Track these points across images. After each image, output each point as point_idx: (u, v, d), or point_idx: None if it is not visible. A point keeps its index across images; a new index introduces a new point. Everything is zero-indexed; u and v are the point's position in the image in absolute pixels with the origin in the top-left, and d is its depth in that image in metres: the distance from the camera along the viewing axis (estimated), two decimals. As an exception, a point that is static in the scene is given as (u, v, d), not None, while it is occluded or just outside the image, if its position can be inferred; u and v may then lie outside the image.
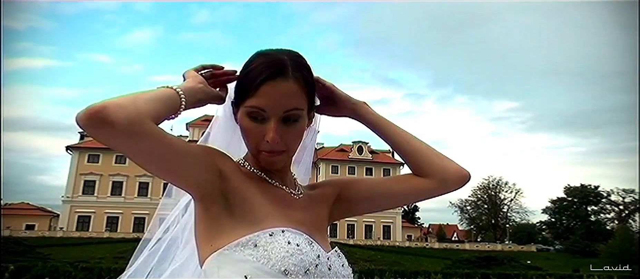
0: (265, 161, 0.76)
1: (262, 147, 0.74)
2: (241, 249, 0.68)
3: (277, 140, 0.72)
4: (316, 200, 0.83)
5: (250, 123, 0.73)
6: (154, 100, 0.63)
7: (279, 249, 0.67)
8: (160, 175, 0.69)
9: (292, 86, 0.72)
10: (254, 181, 0.76)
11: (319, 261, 0.70)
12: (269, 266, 0.66)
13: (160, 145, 0.64)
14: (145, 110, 0.61)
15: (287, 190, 0.79)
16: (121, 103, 0.58)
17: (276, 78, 0.71)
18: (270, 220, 0.72)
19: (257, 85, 0.71)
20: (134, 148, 0.62)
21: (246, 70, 0.74)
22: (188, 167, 0.69)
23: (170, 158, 0.66)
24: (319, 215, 0.82)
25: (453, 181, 0.86)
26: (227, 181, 0.72)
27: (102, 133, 0.58)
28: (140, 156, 0.64)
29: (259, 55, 0.75)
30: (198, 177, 0.70)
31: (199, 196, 0.72)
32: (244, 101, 0.73)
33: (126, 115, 0.58)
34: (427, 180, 0.85)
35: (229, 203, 0.72)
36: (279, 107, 0.71)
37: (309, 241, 0.72)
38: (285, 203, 0.77)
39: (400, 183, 0.89)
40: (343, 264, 0.77)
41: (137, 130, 0.59)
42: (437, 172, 0.85)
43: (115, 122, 0.57)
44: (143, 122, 0.60)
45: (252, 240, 0.68)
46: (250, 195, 0.73)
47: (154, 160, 0.66)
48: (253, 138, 0.74)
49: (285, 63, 0.72)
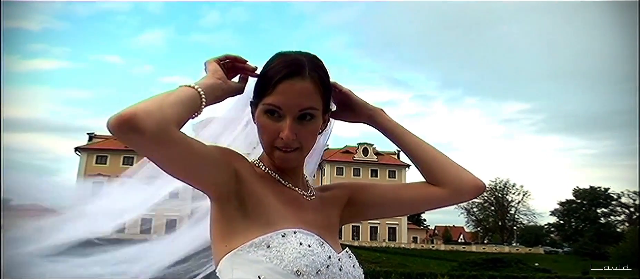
0: (279, 158, 0.77)
1: (277, 144, 0.76)
2: (255, 250, 0.70)
3: (291, 137, 0.74)
4: (328, 202, 0.85)
5: (266, 120, 0.75)
6: (178, 103, 0.65)
7: (292, 250, 0.69)
8: (180, 177, 0.71)
9: (309, 86, 0.74)
10: (267, 182, 0.78)
11: (330, 262, 0.72)
12: (281, 266, 0.68)
13: (183, 151, 0.66)
14: (170, 116, 0.63)
15: (300, 191, 0.81)
16: (149, 110, 0.60)
17: (294, 77, 0.73)
18: (282, 221, 0.74)
19: (275, 83, 0.73)
20: (160, 153, 0.65)
21: (265, 69, 0.77)
22: (206, 169, 0.71)
23: (191, 162, 0.68)
24: (330, 217, 0.83)
25: (467, 192, 0.86)
26: (242, 182, 0.74)
27: (132, 139, 0.60)
28: (165, 161, 0.67)
29: (278, 56, 0.78)
30: (215, 178, 0.72)
31: (215, 196, 0.75)
32: (262, 99, 0.75)
33: (154, 123, 0.60)
34: (441, 189, 0.86)
35: (243, 204, 0.74)
36: (295, 105, 0.74)
37: (321, 242, 0.74)
38: (297, 205, 0.79)
39: (412, 190, 0.90)
40: (354, 265, 0.78)
41: (163, 138, 0.62)
42: (452, 182, 0.85)
43: (144, 130, 0.59)
44: (169, 129, 0.62)
45: (265, 241, 0.70)
46: (264, 197, 0.75)
47: (176, 164, 0.68)
48: (268, 135, 0.76)
49: (302, 63, 0.75)
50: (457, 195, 0.86)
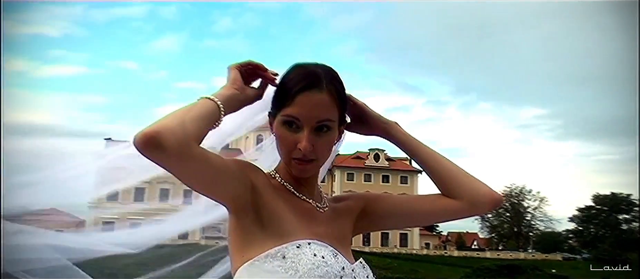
0: (296, 169, 0.79)
1: (294, 155, 0.77)
2: (270, 261, 0.72)
3: (309, 148, 0.76)
4: (341, 214, 0.86)
5: (284, 131, 0.77)
6: (198, 119, 0.68)
7: (306, 261, 0.71)
8: (200, 191, 0.75)
9: (326, 98, 0.76)
10: (282, 194, 0.80)
11: (344, 273, 0.74)
12: (296, 277, 0.70)
13: (203, 167, 0.69)
14: (191, 132, 0.66)
15: (314, 203, 0.83)
16: (172, 127, 0.63)
17: (311, 89, 0.75)
18: (297, 232, 0.76)
19: (293, 94, 0.75)
20: (181, 169, 0.68)
21: (283, 80, 0.79)
22: (225, 183, 0.74)
23: (210, 177, 0.71)
24: (343, 228, 0.85)
25: (483, 204, 0.86)
26: (259, 194, 0.77)
27: (156, 156, 0.64)
28: (185, 176, 0.70)
29: (296, 67, 0.80)
30: (233, 191, 0.75)
31: (233, 208, 0.77)
32: (280, 110, 0.77)
33: (176, 140, 0.63)
34: (456, 202, 0.86)
35: (259, 216, 0.76)
36: (312, 116, 0.76)
37: (334, 253, 0.76)
38: (311, 216, 0.81)
39: (427, 202, 0.90)
40: (368, 275, 0.79)
41: (185, 155, 0.65)
42: (468, 194, 0.85)
43: (167, 147, 0.62)
44: (190, 146, 0.66)
45: (281, 252, 0.72)
46: (280, 209, 0.78)
47: (196, 179, 0.72)
48: (286, 146, 0.78)
49: (319, 75, 0.77)
50: (472, 208, 0.86)
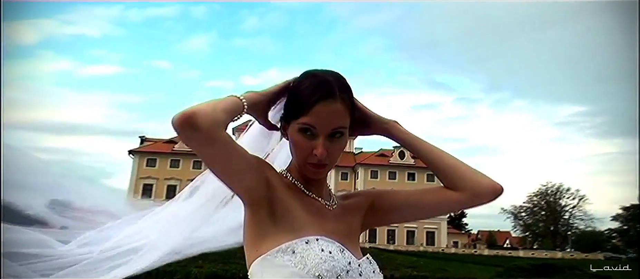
0: (310, 172, 0.84)
1: (310, 160, 0.82)
2: (281, 255, 0.77)
3: (325, 155, 0.81)
4: (349, 210, 0.90)
5: (301, 138, 0.81)
6: (226, 110, 0.75)
7: (314, 256, 0.76)
8: (221, 176, 0.79)
9: (340, 107, 0.81)
10: (294, 192, 0.85)
11: (350, 267, 0.78)
12: (304, 271, 0.75)
13: (228, 151, 0.75)
14: (220, 119, 0.73)
15: (323, 201, 0.87)
16: (205, 111, 0.71)
17: (327, 99, 0.80)
18: (307, 228, 0.80)
19: (311, 104, 0.79)
20: (209, 150, 0.74)
21: (298, 89, 0.83)
22: (245, 173, 0.78)
23: (233, 162, 0.76)
24: (351, 225, 0.89)
25: (485, 194, 0.89)
26: (273, 190, 0.81)
27: (190, 134, 0.70)
28: (212, 157, 0.75)
29: (309, 76, 0.84)
30: (250, 183, 0.79)
31: (249, 201, 0.81)
32: (297, 118, 0.81)
33: (207, 121, 0.70)
34: (459, 193, 0.89)
35: (273, 211, 0.81)
36: (328, 125, 0.80)
37: (341, 249, 0.79)
38: (320, 214, 0.85)
39: (432, 195, 0.92)
40: (374, 270, 0.83)
41: (213, 136, 0.72)
42: (470, 186, 0.89)
43: (200, 127, 0.69)
44: (218, 129, 0.72)
45: (291, 247, 0.77)
46: (291, 205, 0.82)
47: (221, 162, 0.76)
48: (302, 152, 0.82)
49: (333, 85, 0.81)
50: (475, 198, 0.89)
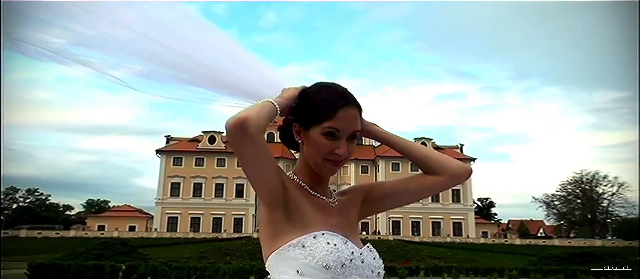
0: (327, 169, 0.93)
1: (330, 158, 0.91)
2: (293, 249, 0.86)
3: (347, 154, 0.91)
4: (347, 205, 1.00)
5: (324, 140, 0.90)
6: (266, 116, 0.84)
7: (321, 249, 0.85)
8: (253, 177, 0.85)
9: (356, 113, 0.92)
10: (302, 192, 0.94)
11: (353, 256, 0.87)
12: (314, 262, 0.84)
13: (264, 154, 0.83)
14: (262, 124, 0.82)
15: (326, 199, 0.96)
16: (253, 117, 0.79)
17: (348, 106, 0.91)
18: (314, 224, 0.89)
19: (335, 110, 0.89)
20: (251, 153, 0.82)
21: (318, 98, 0.92)
22: (271, 174, 0.87)
23: (265, 164, 0.85)
24: (350, 218, 0.98)
25: (460, 175, 1.02)
26: (287, 191, 0.90)
27: (240, 137, 0.78)
28: (250, 158, 0.82)
29: (323, 87, 0.94)
30: (274, 185, 0.88)
31: (268, 201, 0.89)
32: (321, 123, 0.90)
33: (255, 127, 0.79)
34: (439, 177, 1.02)
35: (287, 210, 0.90)
36: (349, 128, 0.91)
37: (344, 241, 0.88)
38: (325, 211, 0.94)
39: (415, 181, 1.04)
40: (374, 257, 0.91)
41: (257, 140, 0.80)
42: (445, 170, 1.02)
43: (249, 131, 0.78)
44: (261, 134, 0.81)
45: (301, 242, 0.86)
46: (301, 205, 0.91)
47: (257, 164, 0.84)
48: (323, 151, 0.91)
49: (349, 94, 0.93)
50: (452, 179, 1.02)
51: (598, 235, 44.71)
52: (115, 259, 22.35)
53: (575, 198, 50.96)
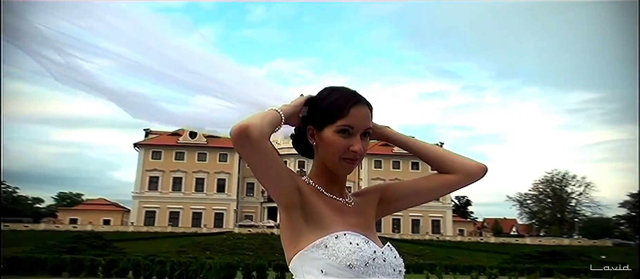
0: (344, 167, 0.94)
1: (346, 155, 0.92)
2: (316, 250, 0.88)
3: (362, 150, 0.92)
4: (364, 205, 1.00)
5: (338, 138, 0.92)
6: (270, 123, 0.86)
7: (344, 248, 0.86)
8: (264, 181, 0.88)
9: (368, 111, 0.94)
10: (318, 195, 0.95)
11: (376, 255, 0.88)
12: (337, 262, 0.85)
13: (272, 159, 0.86)
14: (266, 131, 0.84)
15: (342, 200, 0.97)
16: (255, 124, 0.82)
17: (360, 104, 0.93)
18: (334, 225, 0.91)
19: (348, 108, 0.92)
20: (256, 158, 0.84)
21: (331, 99, 0.94)
22: (283, 179, 0.89)
23: (274, 170, 0.87)
24: (368, 218, 0.99)
25: (475, 174, 1.03)
26: (303, 195, 0.92)
27: (243, 143, 0.81)
28: (258, 164, 0.86)
29: (334, 89, 0.96)
30: (287, 188, 0.90)
31: (284, 204, 0.92)
32: (334, 121, 0.92)
33: (258, 133, 0.81)
34: (454, 175, 1.03)
35: (304, 213, 0.91)
36: (362, 125, 0.93)
37: (366, 240, 0.90)
38: (343, 211, 0.95)
39: (430, 181, 1.05)
40: (395, 256, 0.93)
41: (261, 146, 0.83)
42: (460, 168, 1.03)
43: (252, 138, 0.81)
44: (264, 139, 0.83)
45: (323, 242, 0.88)
46: (319, 207, 0.93)
47: (264, 168, 0.86)
48: (339, 149, 0.92)
49: (359, 94, 0.95)
50: (468, 177, 1.03)
51: (566, 234, 46.87)
52: (88, 253, 21.63)
53: (546, 198, 53.35)
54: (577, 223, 50.47)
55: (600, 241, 40.87)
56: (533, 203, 53.86)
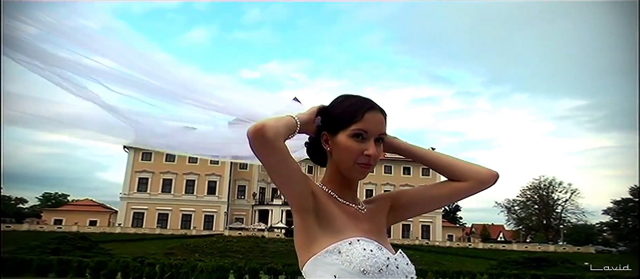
0: (358, 172, 0.95)
1: (360, 160, 0.93)
2: (329, 255, 0.89)
3: (377, 154, 0.93)
4: (376, 212, 1.02)
5: (352, 143, 0.93)
6: (286, 126, 0.88)
7: (358, 254, 0.87)
8: (280, 184, 0.90)
9: (382, 117, 0.96)
10: (331, 200, 0.96)
11: (389, 262, 0.89)
12: (351, 268, 0.86)
13: (286, 160, 0.87)
14: (281, 132, 0.86)
15: (355, 207, 0.99)
16: (271, 125, 0.84)
17: (374, 109, 0.95)
18: (347, 231, 0.92)
19: (363, 113, 0.93)
20: (271, 157, 0.86)
21: (345, 105, 0.96)
22: (297, 182, 0.90)
23: (288, 171, 0.88)
24: (380, 225, 1.01)
25: (487, 181, 1.04)
26: (317, 199, 0.94)
27: (259, 143, 0.83)
28: (272, 163, 0.87)
29: (347, 97, 0.98)
30: (301, 191, 0.91)
31: (298, 207, 0.93)
32: (348, 126, 0.93)
33: (273, 133, 0.84)
34: (465, 183, 1.04)
35: (318, 217, 0.92)
36: (376, 130, 0.94)
37: (379, 246, 0.91)
38: (356, 217, 0.96)
39: (442, 188, 1.07)
40: (407, 263, 0.94)
41: (275, 145, 0.84)
42: (472, 176, 1.04)
43: (266, 137, 0.83)
44: (279, 140, 0.85)
45: (337, 248, 0.89)
46: (332, 212, 0.94)
47: (278, 168, 0.88)
48: (353, 154, 0.93)
49: (373, 101, 0.97)
50: (480, 184, 1.03)
51: (551, 241, 47.67)
52: (73, 254, 21.18)
53: (533, 204, 54.27)
54: (562, 230, 51.48)
55: (583, 247, 41.78)
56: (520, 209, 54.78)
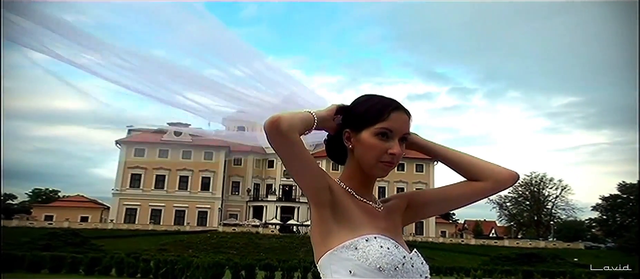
0: (381, 170, 0.95)
1: (384, 159, 0.94)
2: (346, 251, 0.89)
3: (401, 153, 0.94)
4: (392, 211, 1.02)
5: (377, 141, 0.94)
6: (302, 120, 0.89)
7: (374, 251, 0.88)
8: (295, 175, 0.91)
9: (407, 117, 0.97)
10: (349, 197, 0.97)
11: (405, 260, 0.90)
12: (367, 264, 0.87)
13: (300, 151, 0.88)
14: (296, 125, 0.87)
15: (372, 204, 0.99)
16: (286, 118, 0.86)
17: (400, 109, 0.96)
18: (364, 227, 0.92)
19: (389, 112, 0.94)
20: (286, 149, 0.87)
21: (370, 104, 0.96)
22: (314, 175, 0.91)
23: (306, 164, 0.89)
24: (396, 223, 1.01)
25: (505, 181, 1.03)
26: (334, 194, 0.94)
27: (274, 134, 0.85)
28: (287, 155, 0.88)
29: (371, 96, 0.98)
30: (317, 184, 0.92)
31: (315, 201, 0.93)
32: (373, 125, 0.94)
33: (287, 125, 0.85)
34: (483, 183, 1.03)
35: (335, 212, 0.93)
36: (401, 129, 0.95)
37: (396, 244, 0.92)
38: (373, 215, 0.97)
39: (458, 188, 1.06)
40: (422, 262, 0.95)
41: (291, 137, 0.86)
42: (490, 176, 1.03)
43: (281, 129, 0.84)
44: (294, 132, 0.86)
45: (354, 244, 0.89)
46: (349, 208, 0.95)
47: (294, 161, 0.89)
48: (377, 152, 0.94)
49: (397, 101, 0.97)
50: (498, 185, 1.03)
51: (542, 237, 48.43)
52: (64, 250, 21.10)
53: (525, 200, 55.05)
54: (552, 226, 52.36)
55: (573, 243, 42.57)
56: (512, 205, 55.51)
